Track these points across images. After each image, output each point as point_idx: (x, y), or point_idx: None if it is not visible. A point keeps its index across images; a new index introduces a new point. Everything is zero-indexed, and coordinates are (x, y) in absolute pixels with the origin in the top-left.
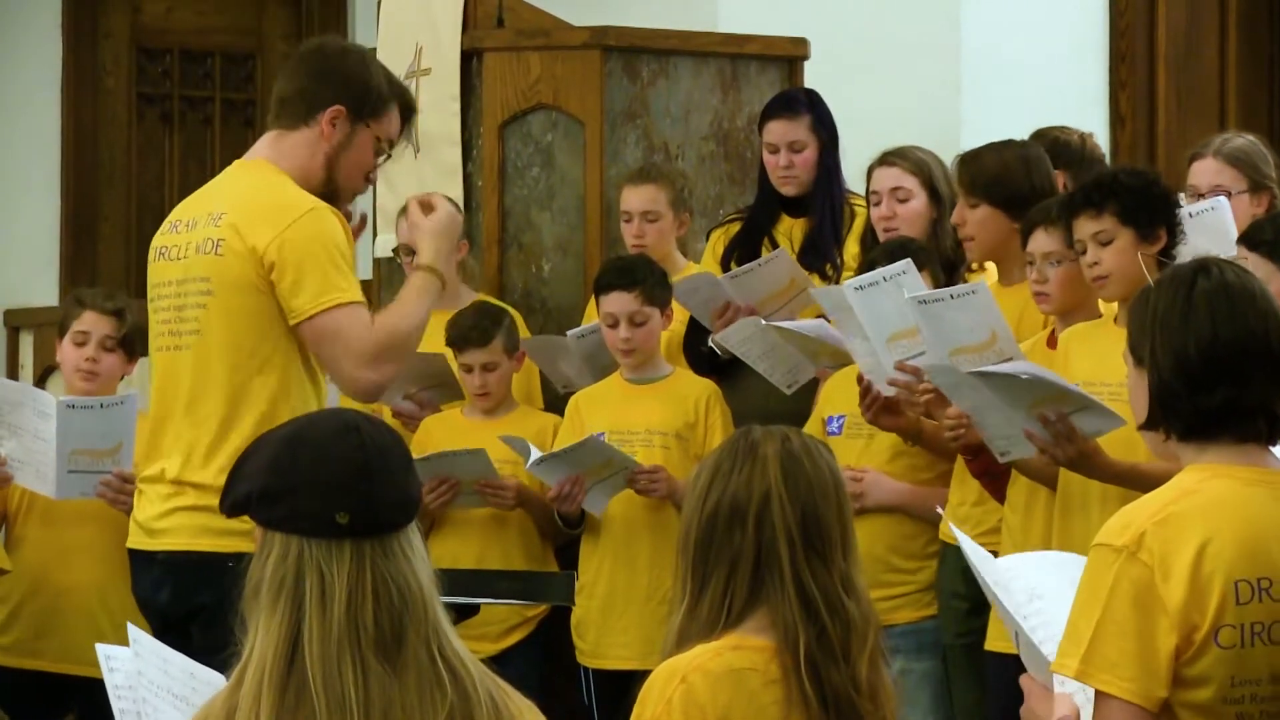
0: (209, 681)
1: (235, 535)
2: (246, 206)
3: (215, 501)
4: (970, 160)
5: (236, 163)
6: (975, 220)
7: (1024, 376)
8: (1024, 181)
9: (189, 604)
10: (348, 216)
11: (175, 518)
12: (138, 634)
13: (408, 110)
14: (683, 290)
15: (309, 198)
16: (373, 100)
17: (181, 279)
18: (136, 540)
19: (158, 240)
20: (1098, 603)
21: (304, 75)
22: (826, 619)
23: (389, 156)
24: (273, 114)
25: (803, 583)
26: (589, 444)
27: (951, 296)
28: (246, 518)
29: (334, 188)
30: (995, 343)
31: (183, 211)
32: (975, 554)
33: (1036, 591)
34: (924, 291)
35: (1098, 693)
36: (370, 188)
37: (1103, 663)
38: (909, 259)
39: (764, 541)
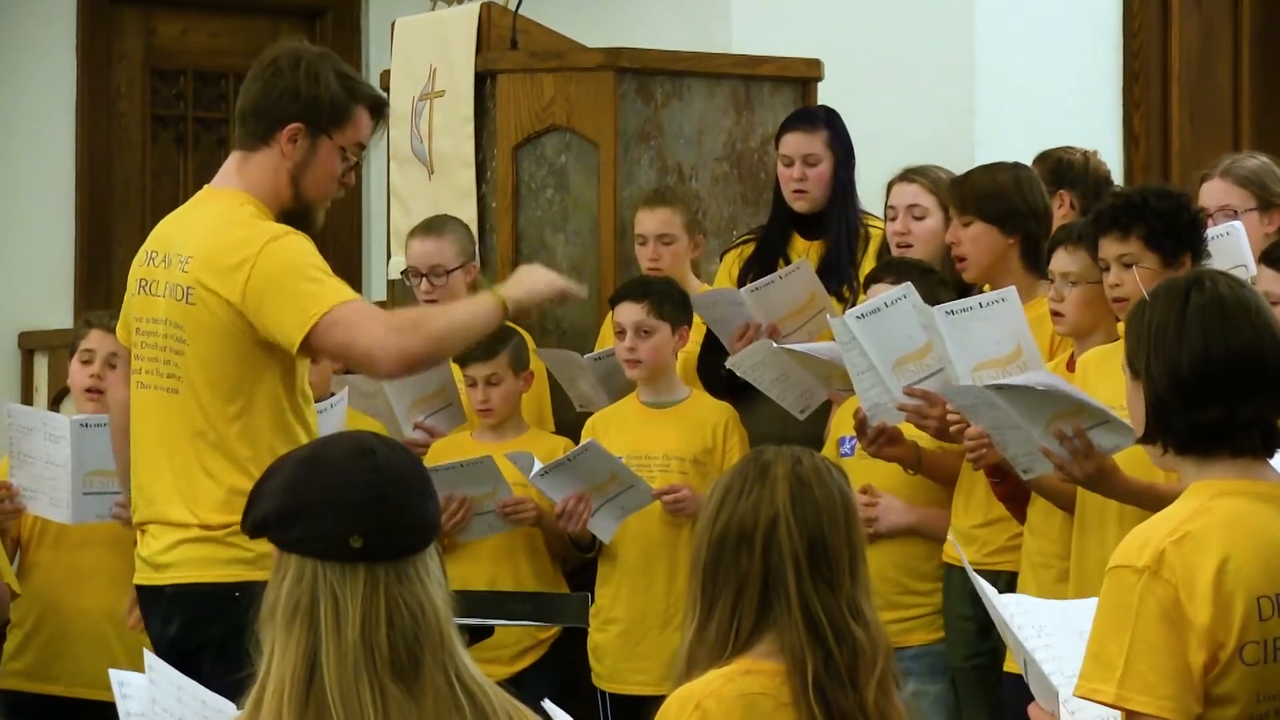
0: (220, 710)
1: (241, 564)
2: (210, 252)
3: (221, 534)
4: (962, 180)
5: (205, 189)
6: (969, 237)
7: (1040, 388)
8: (1016, 197)
9: (199, 636)
10: (325, 221)
11: (181, 550)
12: (154, 660)
13: (377, 107)
14: (702, 303)
15: (265, 229)
16: (329, 112)
17: (164, 319)
18: (144, 576)
19: (138, 270)
20: (1125, 625)
21: (258, 92)
22: (833, 644)
23: (359, 161)
24: (237, 133)
25: (809, 607)
26: (590, 451)
27: (980, 305)
28: (254, 545)
29: (304, 203)
30: (1020, 356)
31: (157, 242)
32: (980, 582)
33: (1045, 629)
34: (952, 301)
35: (1130, 715)
36: (343, 191)
37: (1139, 684)
38: (908, 283)
39: (770, 565)
